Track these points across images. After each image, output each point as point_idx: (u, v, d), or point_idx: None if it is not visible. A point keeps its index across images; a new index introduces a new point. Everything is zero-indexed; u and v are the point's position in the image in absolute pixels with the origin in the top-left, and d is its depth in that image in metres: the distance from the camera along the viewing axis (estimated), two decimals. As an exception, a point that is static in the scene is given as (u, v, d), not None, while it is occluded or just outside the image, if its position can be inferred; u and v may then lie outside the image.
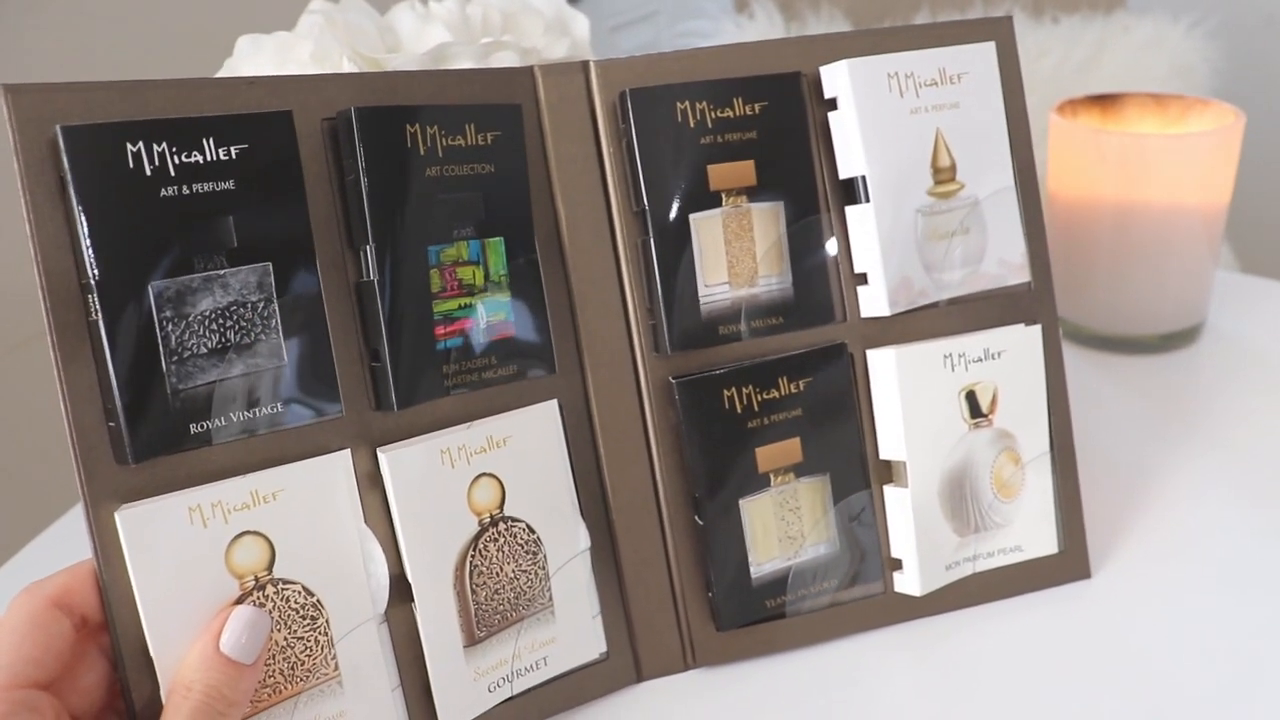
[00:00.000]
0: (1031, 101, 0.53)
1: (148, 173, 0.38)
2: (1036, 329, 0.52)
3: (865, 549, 0.52)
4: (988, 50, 0.51)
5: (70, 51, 1.07)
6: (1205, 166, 0.72)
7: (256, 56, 0.57)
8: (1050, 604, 0.54)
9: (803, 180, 0.50)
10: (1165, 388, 0.74)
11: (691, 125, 0.49)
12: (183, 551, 0.39)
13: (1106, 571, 0.56)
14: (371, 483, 0.44)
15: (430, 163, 0.44)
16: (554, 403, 0.48)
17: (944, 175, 0.50)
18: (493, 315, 0.46)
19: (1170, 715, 0.47)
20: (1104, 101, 0.80)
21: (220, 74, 0.59)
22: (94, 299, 0.38)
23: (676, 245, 0.49)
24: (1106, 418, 0.70)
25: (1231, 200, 0.76)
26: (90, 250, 0.37)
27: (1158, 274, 0.75)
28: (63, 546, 0.66)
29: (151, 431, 0.39)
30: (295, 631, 0.41)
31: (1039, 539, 0.53)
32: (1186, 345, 0.79)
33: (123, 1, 1.15)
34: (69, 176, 0.37)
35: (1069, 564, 0.54)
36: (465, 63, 0.56)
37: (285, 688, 0.41)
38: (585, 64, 0.49)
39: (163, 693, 0.39)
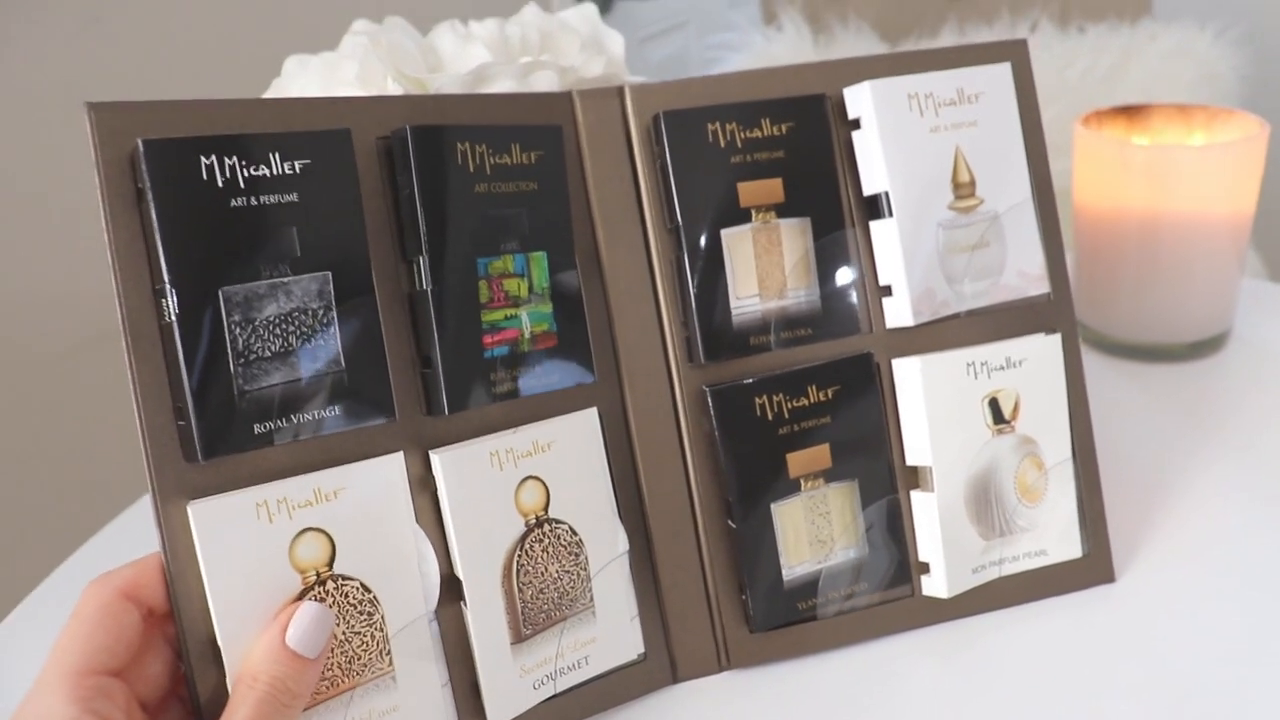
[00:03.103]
0: (1058, 110, 0.55)
1: (219, 184, 0.40)
2: (1056, 338, 0.54)
3: (893, 552, 0.53)
4: (1004, 71, 0.53)
5: (118, 72, 1.11)
6: (1230, 177, 0.74)
7: (303, 76, 0.59)
8: (1075, 607, 0.55)
9: (828, 197, 0.52)
10: (1192, 396, 0.75)
11: (722, 145, 0.51)
12: (250, 545, 0.41)
13: (1131, 575, 0.57)
14: (422, 485, 0.45)
15: (479, 180, 0.46)
16: (594, 410, 0.50)
17: (964, 190, 0.52)
18: (536, 325, 0.48)
19: (1191, 714, 0.48)
20: (1129, 112, 0.82)
21: (268, 93, 0.61)
22: (168, 302, 0.40)
23: (709, 260, 0.51)
24: (1133, 425, 0.71)
25: (1259, 208, 0.77)
26: (165, 256, 0.39)
27: (1184, 283, 0.76)
28: (122, 539, 0.68)
29: (219, 430, 0.40)
30: (353, 626, 0.43)
31: (1063, 543, 0.55)
32: (1213, 354, 0.80)
33: (172, 23, 1.18)
34: (148, 186, 0.39)
35: (1093, 568, 0.56)
36: (505, 82, 0.58)
37: (342, 681, 0.43)
38: (621, 88, 0.51)
39: (228, 682, 0.40)
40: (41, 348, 1.09)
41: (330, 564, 0.42)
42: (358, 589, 0.43)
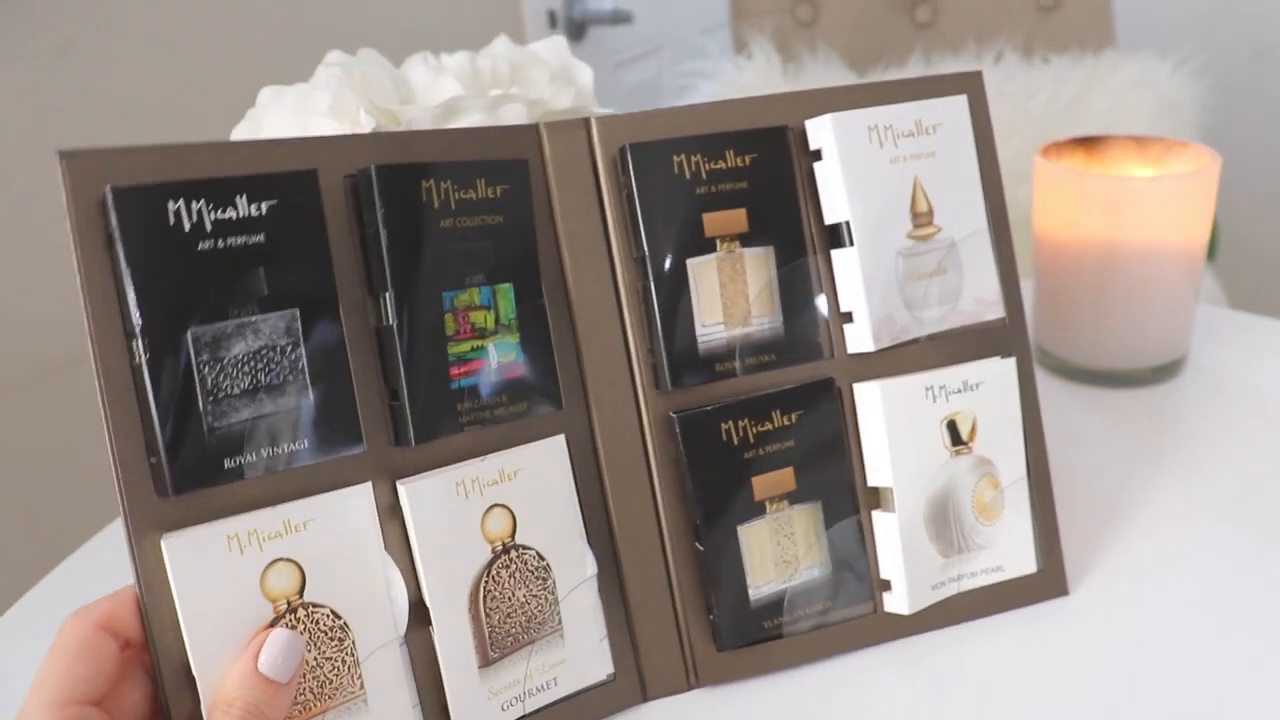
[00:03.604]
0: (1022, 139, 0.56)
1: (186, 229, 0.42)
2: (1011, 361, 0.56)
3: (856, 571, 0.54)
4: (960, 103, 0.54)
5: (96, 103, 1.12)
6: (1183, 207, 0.75)
7: (277, 106, 0.61)
8: (1031, 620, 0.57)
9: (791, 226, 0.54)
10: (1149, 420, 0.77)
11: (687, 176, 0.53)
12: (222, 576, 0.42)
13: (1084, 589, 0.58)
14: (391, 513, 0.47)
15: (444, 215, 0.48)
16: (561, 437, 0.51)
17: (922, 219, 0.53)
18: (503, 356, 0.50)
19: None
20: (1088, 144, 0.83)
21: (243, 122, 0.62)
22: (138, 344, 0.41)
23: (674, 288, 0.52)
24: (1091, 448, 0.73)
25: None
26: (135, 300, 0.41)
27: (1140, 310, 0.78)
28: (94, 562, 0.69)
29: (189, 466, 0.42)
30: (324, 652, 0.44)
31: (1018, 558, 0.56)
32: (1170, 379, 0.82)
33: (147, 52, 1.19)
34: (116, 232, 0.40)
35: (1047, 582, 0.57)
36: (476, 114, 0.59)
37: (315, 705, 0.44)
38: (587, 120, 0.53)
39: (204, 709, 0.41)
40: (16, 371, 1.10)
41: (301, 592, 0.44)
42: (328, 615, 0.44)
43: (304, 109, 0.59)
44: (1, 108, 1.06)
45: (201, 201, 0.42)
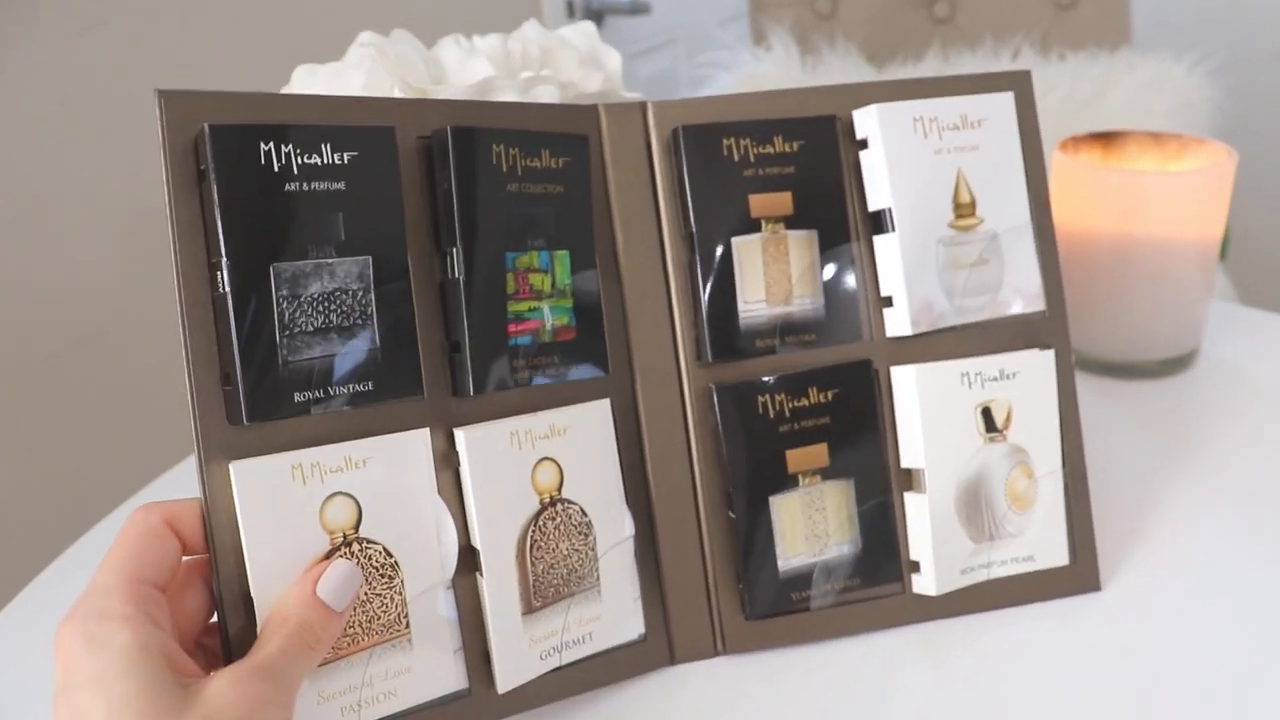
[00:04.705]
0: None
1: (275, 169, 0.44)
2: (1050, 354, 0.57)
3: (886, 550, 0.56)
4: (1006, 100, 0.57)
5: (121, 83, 1.13)
6: (1199, 202, 0.77)
7: (311, 84, 0.62)
8: (1061, 613, 0.57)
9: (835, 211, 0.56)
10: (1161, 412, 0.78)
11: (736, 159, 0.55)
12: (284, 504, 0.44)
13: (1115, 585, 0.59)
14: (445, 461, 0.49)
15: (510, 180, 0.50)
16: (606, 401, 0.53)
17: (964, 210, 0.55)
18: (557, 319, 0.52)
19: None
20: (1105, 139, 0.85)
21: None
22: (223, 275, 0.43)
23: (720, 266, 0.54)
24: (1106, 438, 0.74)
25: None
26: (224, 232, 0.43)
27: (1155, 303, 0.80)
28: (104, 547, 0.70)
29: (263, 396, 0.44)
30: (375, 588, 0.46)
31: (1051, 550, 0.58)
32: (1183, 371, 0.83)
33: (181, 30, 1.21)
34: (210, 167, 0.43)
35: (1080, 576, 0.59)
36: (509, 95, 0.61)
37: (362, 639, 0.46)
38: (644, 104, 0.55)
39: (258, 627, 0.43)
40: (27, 349, 1.11)
41: (356, 527, 0.45)
42: (381, 553, 0.46)
43: (338, 88, 0.61)
44: (28, 87, 1.08)
45: (290, 145, 0.44)
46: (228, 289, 0.43)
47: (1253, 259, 1.96)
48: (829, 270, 0.56)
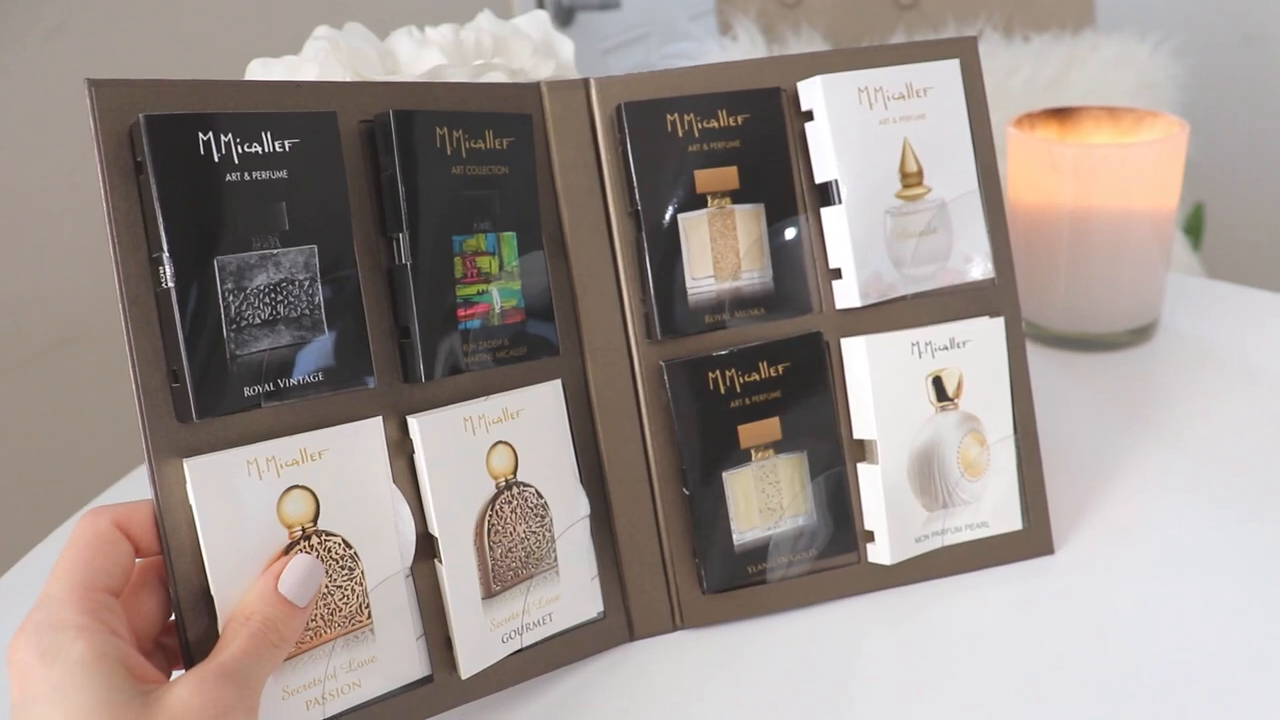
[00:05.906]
0: (1001, 116, 0.59)
1: (215, 159, 0.43)
2: (1000, 321, 0.58)
3: (840, 521, 0.57)
4: (952, 67, 0.57)
5: (80, 77, 1.11)
6: (1152, 173, 0.79)
7: (266, 78, 0.62)
8: (1016, 578, 0.58)
9: (781, 184, 0.56)
10: (1123, 382, 0.80)
11: (680, 135, 0.55)
12: (241, 500, 0.43)
13: (1069, 547, 0.60)
14: (398, 449, 0.48)
15: (455, 162, 0.49)
16: (558, 382, 0.53)
17: (911, 180, 0.56)
18: (505, 301, 0.51)
19: (1126, 679, 0.51)
20: (1061, 115, 0.86)
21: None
22: (165, 270, 0.42)
23: (667, 242, 0.54)
24: (1068, 410, 0.76)
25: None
26: (165, 225, 0.42)
27: (1113, 274, 0.81)
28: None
29: (212, 392, 0.43)
30: (335, 580, 0.45)
31: (1004, 516, 0.59)
32: (1143, 342, 0.85)
33: (135, 28, 1.19)
34: (148, 159, 0.41)
35: (1033, 540, 0.60)
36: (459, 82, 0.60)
37: (325, 631, 0.45)
38: (586, 81, 0.54)
39: (220, 626, 0.42)
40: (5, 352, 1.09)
41: (315, 520, 0.45)
42: (340, 544, 0.45)
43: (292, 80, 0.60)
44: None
45: (229, 134, 0.43)
46: (171, 284, 0.42)
47: (1215, 237, 2.00)
48: (777, 244, 0.56)
